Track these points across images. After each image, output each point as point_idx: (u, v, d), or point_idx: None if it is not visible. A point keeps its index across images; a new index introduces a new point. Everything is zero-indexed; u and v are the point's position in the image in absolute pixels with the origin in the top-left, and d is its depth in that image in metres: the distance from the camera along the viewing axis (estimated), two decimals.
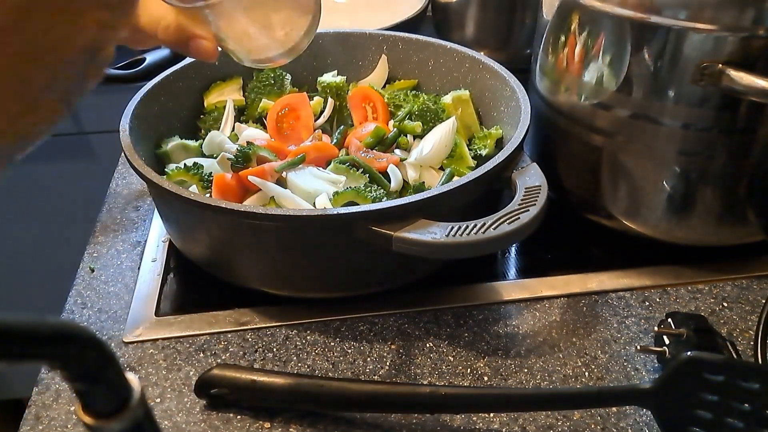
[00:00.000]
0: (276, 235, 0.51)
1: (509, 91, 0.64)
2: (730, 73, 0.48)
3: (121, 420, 0.21)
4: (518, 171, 0.55)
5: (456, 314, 0.56)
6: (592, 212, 0.63)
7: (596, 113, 0.57)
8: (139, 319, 0.55)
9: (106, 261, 0.62)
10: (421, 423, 0.46)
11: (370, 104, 0.70)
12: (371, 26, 0.80)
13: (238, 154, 0.60)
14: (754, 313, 0.55)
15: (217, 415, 0.47)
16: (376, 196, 0.55)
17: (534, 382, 0.50)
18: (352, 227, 0.49)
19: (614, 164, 0.58)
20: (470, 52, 0.70)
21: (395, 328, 0.54)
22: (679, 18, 0.49)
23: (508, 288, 0.58)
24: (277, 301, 0.56)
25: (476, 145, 0.65)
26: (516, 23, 0.93)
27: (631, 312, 0.56)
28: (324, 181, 0.59)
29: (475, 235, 0.46)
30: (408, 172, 0.62)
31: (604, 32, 0.54)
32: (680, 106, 0.52)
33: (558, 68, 0.60)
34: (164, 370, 0.51)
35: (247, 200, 0.58)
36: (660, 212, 0.58)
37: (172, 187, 0.51)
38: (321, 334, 0.54)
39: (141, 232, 0.66)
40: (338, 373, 0.51)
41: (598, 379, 0.50)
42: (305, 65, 0.76)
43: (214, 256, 0.57)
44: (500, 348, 0.53)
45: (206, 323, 0.55)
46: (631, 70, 0.53)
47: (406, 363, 0.51)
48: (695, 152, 0.53)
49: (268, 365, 0.51)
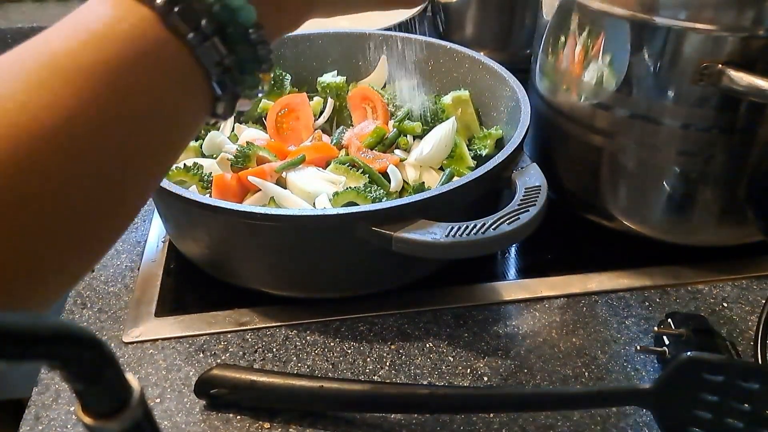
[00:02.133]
0: (276, 235, 0.51)
1: (509, 91, 0.64)
2: (730, 73, 0.48)
3: (121, 420, 0.21)
4: (518, 171, 0.55)
5: (456, 314, 0.56)
6: (592, 212, 0.63)
7: (596, 113, 0.57)
8: (139, 320, 0.55)
9: (106, 261, 0.62)
10: (421, 423, 0.46)
11: (370, 104, 0.70)
12: (371, 26, 0.80)
13: (237, 154, 0.60)
14: (754, 313, 0.55)
15: (217, 415, 0.47)
16: (376, 197, 0.55)
17: (534, 382, 0.50)
18: (352, 227, 0.49)
19: (614, 164, 0.58)
20: (470, 52, 0.70)
21: (395, 328, 0.54)
22: (679, 18, 0.49)
23: (508, 288, 0.58)
24: (277, 301, 0.56)
25: (476, 145, 0.65)
26: (516, 23, 0.93)
27: (631, 312, 0.56)
28: (324, 182, 0.59)
29: (475, 235, 0.46)
30: (408, 172, 0.62)
31: (604, 32, 0.54)
32: (680, 106, 0.52)
33: (558, 68, 0.60)
34: (164, 371, 0.51)
35: (246, 200, 0.58)
36: (660, 212, 0.58)
37: (172, 187, 0.51)
38: (321, 335, 0.54)
39: (141, 232, 0.66)
40: (338, 373, 0.51)
41: (598, 379, 0.50)
42: (305, 65, 0.76)
43: (213, 256, 0.57)
44: (500, 348, 0.52)
45: (206, 323, 0.55)
46: (631, 70, 0.53)
47: (405, 363, 0.51)
48: (695, 152, 0.53)
49: (267, 365, 0.51)
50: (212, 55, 0.27)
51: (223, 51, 0.27)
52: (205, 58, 0.27)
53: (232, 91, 0.28)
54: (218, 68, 0.27)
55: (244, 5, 0.27)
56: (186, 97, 0.27)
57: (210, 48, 0.26)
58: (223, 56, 0.27)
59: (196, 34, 0.26)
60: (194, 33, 0.26)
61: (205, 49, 0.26)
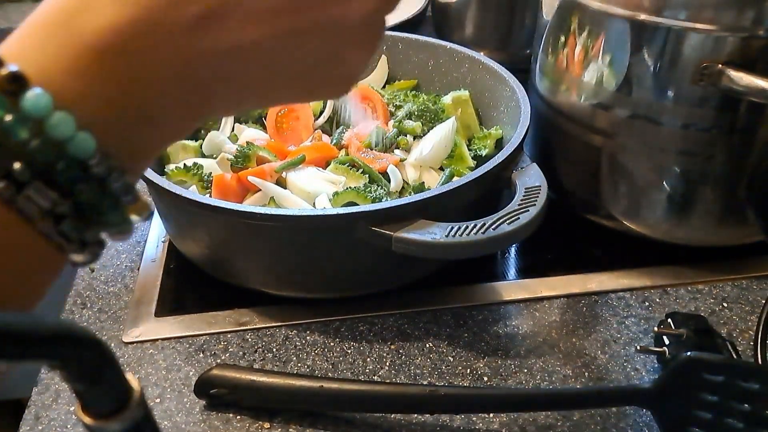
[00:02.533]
0: (276, 235, 0.51)
1: (509, 91, 0.64)
2: (730, 73, 0.48)
3: (121, 420, 0.21)
4: (518, 171, 0.55)
5: (456, 314, 0.56)
6: (592, 212, 0.63)
7: (596, 113, 0.57)
8: (138, 320, 0.55)
9: (105, 261, 0.62)
10: (421, 423, 0.46)
11: (369, 104, 0.70)
12: None
13: (237, 154, 0.60)
14: (754, 313, 0.55)
15: (217, 415, 0.47)
16: (376, 197, 0.55)
17: (534, 382, 0.50)
18: (352, 227, 0.49)
19: (614, 164, 0.58)
20: (470, 52, 0.70)
21: (395, 328, 0.54)
22: (679, 18, 0.49)
23: (507, 288, 0.58)
24: (277, 301, 0.56)
25: (476, 145, 0.65)
26: (516, 23, 0.93)
27: (631, 312, 0.56)
28: (324, 182, 0.59)
29: (475, 235, 0.46)
30: (408, 172, 0.62)
31: (604, 32, 0.54)
32: (680, 106, 0.52)
33: (558, 68, 0.60)
34: (164, 371, 0.51)
35: (246, 200, 0.58)
36: (660, 212, 0.58)
37: (172, 187, 0.51)
38: (321, 335, 0.54)
39: (141, 232, 0.66)
40: (338, 373, 0.51)
41: (598, 379, 0.50)
42: None
43: (213, 256, 0.57)
44: (500, 348, 0.52)
45: (206, 323, 0.55)
46: (631, 70, 0.53)
47: (405, 363, 0.51)
48: (695, 152, 0.53)
49: (267, 365, 0.51)
50: (35, 204, 0.20)
51: (52, 197, 0.21)
52: (26, 210, 0.20)
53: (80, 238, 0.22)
54: (48, 220, 0.21)
55: (73, 134, 0.21)
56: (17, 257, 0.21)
57: (31, 196, 0.20)
58: (53, 203, 0.21)
59: (7, 184, 0.20)
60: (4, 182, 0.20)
61: (23, 199, 0.20)
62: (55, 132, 0.20)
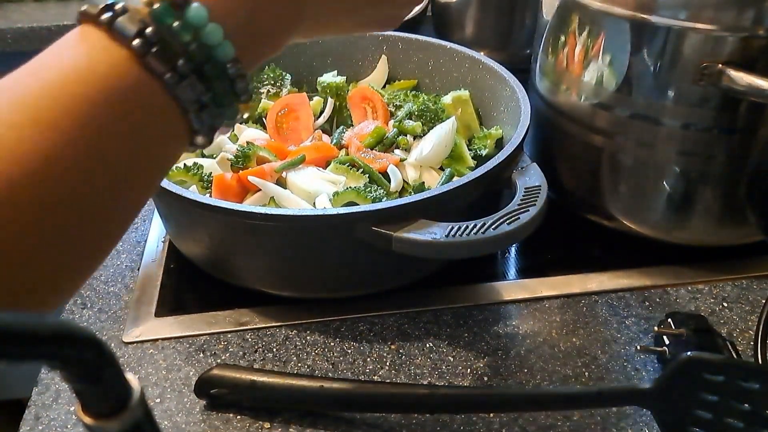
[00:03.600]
0: (276, 235, 0.51)
1: (509, 91, 0.64)
2: (730, 73, 0.48)
3: (121, 420, 0.21)
4: (518, 171, 0.55)
5: (456, 314, 0.56)
6: (592, 212, 0.63)
7: (596, 113, 0.57)
8: (139, 320, 0.55)
9: (106, 261, 0.62)
10: (421, 423, 0.46)
11: (369, 104, 0.70)
12: None
13: (237, 154, 0.60)
14: (754, 313, 0.55)
15: (217, 415, 0.47)
16: (376, 196, 0.55)
17: (534, 382, 0.50)
18: (352, 227, 0.49)
19: (614, 164, 0.58)
20: (470, 52, 0.70)
21: (395, 328, 0.54)
22: (679, 18, 0.49)
23: (508, 288, 0.58)
24: (277, 301, 0.56)
25: (476, 145, 0.65)
26: (516, 23, 0.93)
27: (631, 312, 0.56)
28: (324, 181, 0.59)
29: (475, 235, 0.46)
30: (408, 172, 0.62)
31: (604, 32, 0.54)
32: (680, 106, 0.52)
33: (558, 68, 0.60)
34: (164, 371, 0.51)
35: (246, 200, 0.58)
36: (660, 212, 0.58)
37: (172, 187, 0.51)
38: (321, 335, 0.54)
39: (141, 232, 0.66)
40: (338, 373, 0.51)
41: (598, 379, 0.50)
42: (305, 65, 0.76)
43: (213, 256, 0.57)
44: (500, 348, 0.52)
45: (206, 323, 0.55)
46: (631, 70, 0.53)
47: (405, 363, 0.51)
48: (695, 152, 0.53)
49: (267, 365, 0.51)
50: (189, 93, 0.27)
51: (200, 88, 0.27)
52: (182, 97, 0.27)
53: (210, 124, 0.29)
54: (196, 105, 0.27)
55: (221, 42, 0.27)
56: (164, 133, 0.28)
57: (187, 87, 0.27)
58: (200, 93, 0.27)
59: (173, 74, 0.26)
60: (171, 73, 0.26)
61: (183, 88, 0.26)
62: (209, 39, 0.27)
